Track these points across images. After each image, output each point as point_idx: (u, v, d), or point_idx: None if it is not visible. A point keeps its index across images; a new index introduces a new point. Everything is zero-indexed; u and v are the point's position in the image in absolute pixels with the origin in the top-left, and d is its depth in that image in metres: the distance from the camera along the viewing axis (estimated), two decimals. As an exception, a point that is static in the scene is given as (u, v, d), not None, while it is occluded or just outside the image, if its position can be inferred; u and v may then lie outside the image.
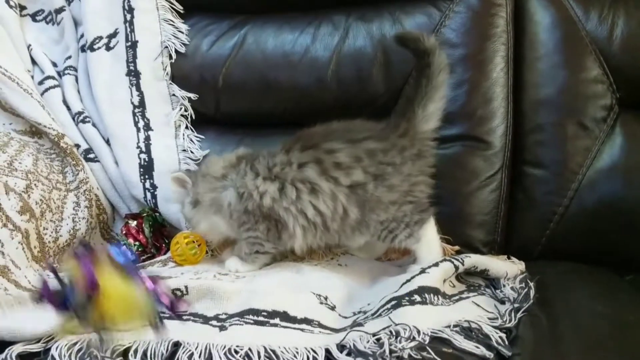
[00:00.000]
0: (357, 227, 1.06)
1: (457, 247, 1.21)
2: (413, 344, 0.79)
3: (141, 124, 1.34)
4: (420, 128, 1.10)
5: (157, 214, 1.27)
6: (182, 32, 1.40)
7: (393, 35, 1.23)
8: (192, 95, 1.38)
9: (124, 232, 1.24)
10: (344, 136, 1.06)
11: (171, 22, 1.41)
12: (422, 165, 1.09)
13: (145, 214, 1.25)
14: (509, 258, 1.18)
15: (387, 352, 0.77)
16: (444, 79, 1.12)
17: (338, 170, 1.04)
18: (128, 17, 1.39)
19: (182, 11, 1.43)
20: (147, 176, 1.28)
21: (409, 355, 0.77)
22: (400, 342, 0.79)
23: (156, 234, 1.24)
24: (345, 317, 0.93)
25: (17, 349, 0.82)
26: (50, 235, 1.15)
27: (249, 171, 1.08)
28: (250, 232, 1.08)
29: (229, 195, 1.08)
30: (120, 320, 0.75)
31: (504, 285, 1.02)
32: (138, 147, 1.31)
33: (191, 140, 1.36)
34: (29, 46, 1.40)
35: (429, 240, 1.09)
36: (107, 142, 1.33)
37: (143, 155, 1.30)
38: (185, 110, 1.38)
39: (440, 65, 1.10)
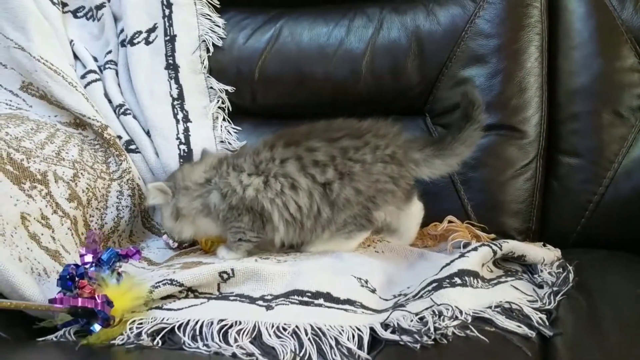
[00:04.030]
0: (327, 225, 1.08)
1: (492, 235, 1.22)
2: (456, 322, 0.81)
3: (180, 115, 1.37)
4: (413, 156, 1.10)
5: (197, 203, 1.30)
6: (219, 26, 1.43)
7: (464, 86, 1.22)
8: (229, 88, 1.41)
9: (165, 220, 1.27)
10: (323, 135, 1.08)
11: (208, 17, 1.44)
12: (394, 172, 1.08)
13: (185, 203, 1.28)
14: (544, 246, 1.19)
15: (432, 329, 0.79)
16: (465, 152, 1.13)
17: (315, 167, 1.06)
18: (166, 11, 1.43)
19: (218, 6, 1.46)
20: (186, 166, 1.32)
21: (453, 333, 0.79)
22: (443, 320, 0.81)
23: (196, 222, 1.27)
24: (386, 300, 0.95)
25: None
26: (96, 223, 1.19)
27: (232, 171, 1.10)
28: (234, 223, 1.10)
29: (213, 197, 1.10)
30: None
31: (542, 271, 1.03)
32: (177, 138, 1.34)
33: (228, 131, 1.40)
34: (71, 42, 1.44)
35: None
36: (148, 133, 1.36)
37: (182, 146, 1.33)
38: (223, 103, 1.41)
39: (469, 137, 1.11)
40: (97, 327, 0.82)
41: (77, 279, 0.89)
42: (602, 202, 1.23)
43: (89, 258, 0.93)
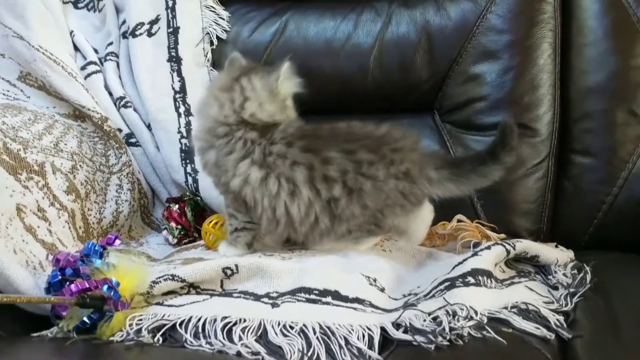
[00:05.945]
0: (326, 234, 1.03)
1: (502, 235, 1.19)
2: (471, 323, 0.78)
3: (182, 109, 1.34)
4: (428, 174, 1.04)
5: (199, 198, 1.26)
6: (223, 19, 1.40)
7: (505, 119, 1.12)
8: (233, 82, 1.37)
9: (165, 215, 1.24)
10: (342, 145, 1.01)
11: (212, 9, 1.41)
12: (405, 188, 1.01)
13: (187, 198, 1.25)
14: (556, 247, 1.16)
15: (447, 329, 0.75)
16: (480, 184, 1.08)
17: (323, 183, 1.00)
18: (170, 3, 1.39)
19: (223, -2, 1.43)
20: (188, 160, 1.28)
21: (469, 334, 0.76)
22: (458, 320, 0.78)
23: (198, 218, 1.23)
24: (396, 299, 0.91)
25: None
26: (94, 217, 1.16)
27: (241, 148, 1.02)
28: (226, 201, 1.06)
29: (210, 156, 1.04)
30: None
31: (556, 272, 1.00)
32: (179, 132, 1.30)
33: (231, 126, 1.36)
34: (71, 32, 1.40)
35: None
36: (148, 127, 1.33)
37: (184, 140, 1.30)
38: (226, 97, 1.37)
39: (489, 173, 1.06)
40: (113, 311, 0.79)
41: (71, 280, 0.85)
42: (615, 203, 1.20)
43: (71, 257, 0.89)
